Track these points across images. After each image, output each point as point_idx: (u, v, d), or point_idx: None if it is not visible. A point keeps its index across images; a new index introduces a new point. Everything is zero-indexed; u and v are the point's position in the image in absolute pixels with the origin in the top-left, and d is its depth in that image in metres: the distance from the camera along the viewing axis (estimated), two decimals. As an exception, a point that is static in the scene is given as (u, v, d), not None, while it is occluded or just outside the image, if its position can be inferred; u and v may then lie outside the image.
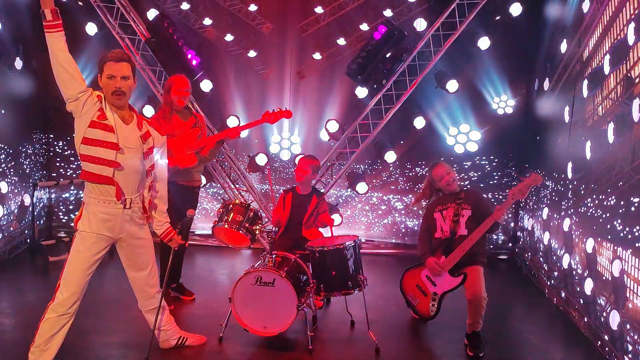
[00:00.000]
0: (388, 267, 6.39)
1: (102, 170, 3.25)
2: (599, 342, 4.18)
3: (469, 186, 4.41)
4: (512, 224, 6.92)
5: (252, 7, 6.69)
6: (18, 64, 6.15)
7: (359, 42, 6.52)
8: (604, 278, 4.13)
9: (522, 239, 6.68)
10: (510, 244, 6.96)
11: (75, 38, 6.40)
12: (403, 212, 6.98)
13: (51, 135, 6.91)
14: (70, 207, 7.05)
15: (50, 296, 3.34)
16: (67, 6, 6.43)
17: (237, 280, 4.00)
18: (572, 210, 4.88)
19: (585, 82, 4.73)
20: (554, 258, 5.31)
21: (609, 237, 4.04)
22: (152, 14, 6.49)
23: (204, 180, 6.78)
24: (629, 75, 3.87)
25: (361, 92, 6.66)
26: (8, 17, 5.91)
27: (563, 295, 5.02)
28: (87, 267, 3.33)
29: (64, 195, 7.05)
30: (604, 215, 4.16)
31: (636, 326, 3.59)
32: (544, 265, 5.63)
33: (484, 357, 4.05)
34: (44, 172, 6.87)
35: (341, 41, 6.74)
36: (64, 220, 7.05)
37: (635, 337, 3.59)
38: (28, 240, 6.39)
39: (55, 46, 3.06)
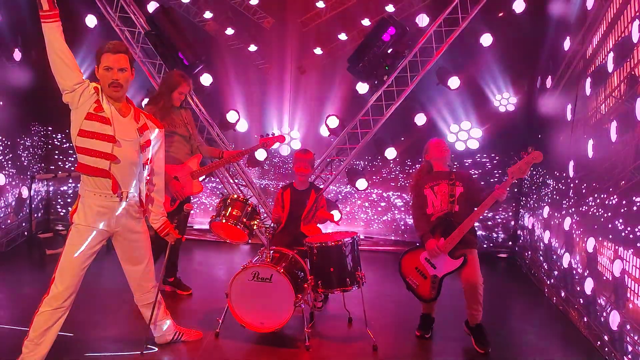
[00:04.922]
0: (387, 264, 6.35)
1: (98, 163, 3.22)
2: (599, 342, 4.15)
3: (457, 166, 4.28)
4: (512, 222, 6.88)
5: (253, 1, 6.64)
6: (17, 55, 6.11)
7: (361, 37, 6.47)
8: (604, 278, 4.09)
9: (522, 238, 6.65)
10: (510, 242, 6.92)
11: (74, 30, 6.36)
12: (403, 209, 6.94)
13: (49, 128, 6.87)
14: (68, 200, 7.01)
15: (46, 289, 3.31)
16: (66, -2, 6.38)
17: (234, 275, 3.98)
18: (573, 209, 4.84)
19: (588, 80, 4.68)
20: (554, 257, 5.28)
21: (610, 236, 4.00)
22: (152, 6, 6.44)
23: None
24: (633, 73, 3.83)
25: (362, 87, 6.61)
26: (7, 7, 5.86)
27: (563, 294, 4.99)
28: (82, 260, 3.30)
29: (62, 188, 7.02)
30: (605, 215, 4.13)
31: (636, 327, 3.56)
32: (544, 264, 5.60)
33: (482, 355, 4.03)
34: (42, 164, 6.83)
35: (342, 36, 6.70)
36: (61, 213, 7.02)
37: (636, 338, 3.55)
38: (25, 233, 6.36)
39: (52, 36, 3.03)
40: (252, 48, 6.77)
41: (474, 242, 4.19)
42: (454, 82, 6.35)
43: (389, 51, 6.18)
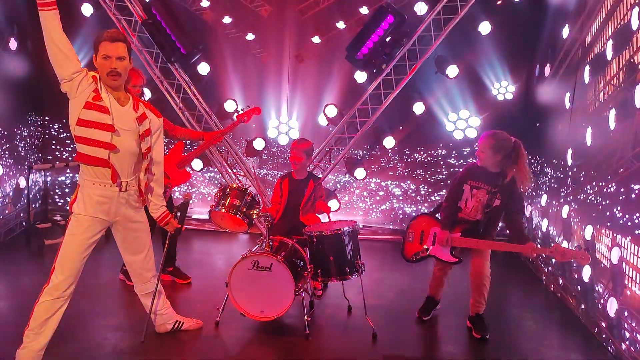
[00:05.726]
0: (385, 253, 6.38)
1: (97, 152, 3.21)
2: (596, 329, 4.18)
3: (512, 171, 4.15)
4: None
5: (251, -11, 6.60)
6: (13, 44, 6.06)
7: (359, 25, 6.43)
8: (602, 265, 4.11)
9: (520, 226, 6.65)
10: (507, 230, 6.91)
11: (70, 19, 6.32)
12: (401, 198, 6.96)
13: (46, 118, 6.84)
14: (66, 190, 6.99)
15: (46, 279, 3.31)
16: (62, -14, 6.32)
17: (234, 264, 3.98)
18: (571, 197, 4.85)
19: (587, 67, 4.68)
20: (552, 245, 5.28)
21: (609, 224, 4.02)
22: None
23: (200, 164, 6.74)
24: (632, 60, 3.82)
25: (360, 76, 6.59)
26: (2, -4, 5.82)
27: (560, 282, 5.02)
28: (82, 250, 3.30)
29: (59, 179, 7.00)
30: (603, 203, 4.14)
31: (634, 313, 3.59)
32: (542, 252, 5.62)
33: (481, 342, 4.06)
34: (40, 154, 6.81)
35: (340, 25, 6.66)
36: (59, 204, 7.01)
37: (633, 324, 3.58)
38: (23, 223, 6.34)
39: (49, 25, 3.01)
40: (250, 36, 6.73)
41: (490, 237, 4.21)
42: (452, 70, 6.34)
43: (388, 39, 6.16)
